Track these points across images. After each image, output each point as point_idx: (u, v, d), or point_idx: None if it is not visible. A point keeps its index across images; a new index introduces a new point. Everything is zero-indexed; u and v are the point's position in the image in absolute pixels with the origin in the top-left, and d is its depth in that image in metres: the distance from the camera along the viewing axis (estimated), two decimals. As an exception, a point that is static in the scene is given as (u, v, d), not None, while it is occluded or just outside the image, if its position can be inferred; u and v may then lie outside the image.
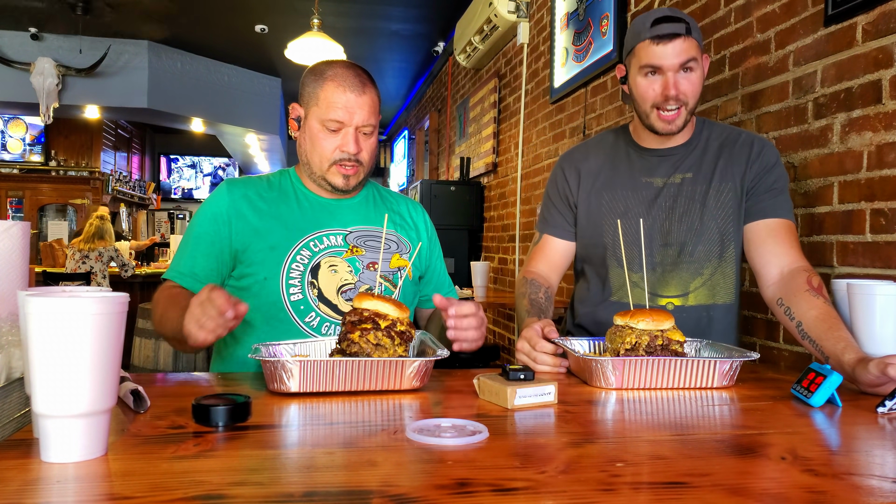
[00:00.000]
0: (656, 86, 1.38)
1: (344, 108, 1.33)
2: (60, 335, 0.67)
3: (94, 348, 0.68)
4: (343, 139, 1.35)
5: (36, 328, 0.67)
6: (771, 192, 1.44)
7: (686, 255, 1.46)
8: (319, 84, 1.35)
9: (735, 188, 1.46)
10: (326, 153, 1.36)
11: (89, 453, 0.69)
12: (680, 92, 1.37)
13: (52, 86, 6.62)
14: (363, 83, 1.35)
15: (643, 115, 1.44)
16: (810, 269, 1.35)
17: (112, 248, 5.50)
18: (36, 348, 0.67)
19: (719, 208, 1.46)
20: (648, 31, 1.35)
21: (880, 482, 0.67)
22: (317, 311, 1.35)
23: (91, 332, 0.68)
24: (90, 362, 0.68)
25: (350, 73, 1.35)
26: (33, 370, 0.68)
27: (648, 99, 1.40)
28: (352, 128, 1.34)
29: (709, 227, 1.46)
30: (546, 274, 1.58)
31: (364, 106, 1.34)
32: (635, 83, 1.42)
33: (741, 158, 1.47)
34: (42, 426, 0.69)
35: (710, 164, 1.48)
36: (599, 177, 1.55)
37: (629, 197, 1.51)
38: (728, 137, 1.50)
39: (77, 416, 0.68)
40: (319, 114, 1.34)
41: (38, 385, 0.68)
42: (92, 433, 0.69)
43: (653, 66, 1.37)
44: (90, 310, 0.67)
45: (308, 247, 1.38)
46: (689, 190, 1.47)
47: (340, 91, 1.33)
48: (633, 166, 1.53)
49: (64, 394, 0.67)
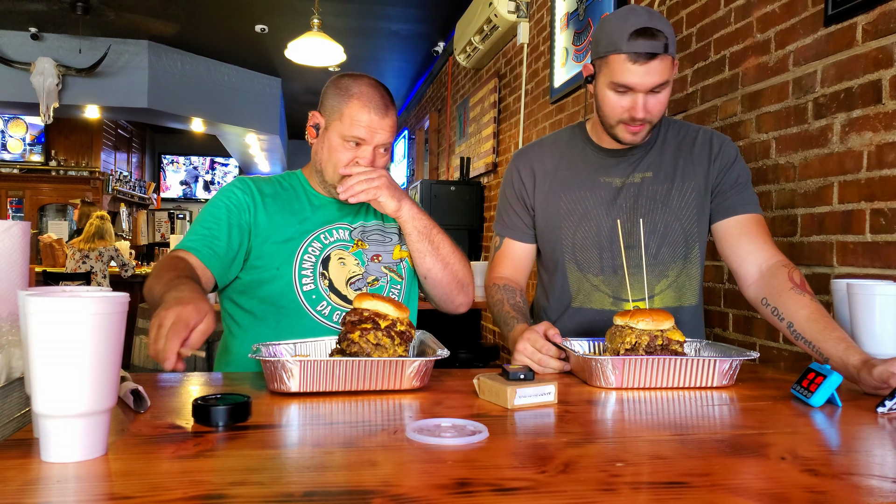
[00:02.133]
0: (625, 102, 1.32)
1: (367, 127, 1.35)
2: (60, 335, 0.67)
3: (94, 348, 0.68)
4: (360, 154, 1.37)
5: (36, 328, 0.67)
6: (736, 189, 1.42)
7: (649, 256, 1.43)
8: (344, 100, 1.37)
9: (698, 187, 1.43)
10: (342, 163, 1.38)
11: (89, 453, 0.69)
12: (648, 113, 1.33)
13: (52, 86, 6.63)
14: (386, 105, 1.38)
15: (607, 125, 1.39)
16: (789, 264, 1.33)
17: (112, 247, 5.51)
18: (36, 348, 0.67)
19: (683, 208, 1.44)
20: (626, 45, 1.27)
21: (880, 482, 0.67)
22: (328, 300, 1.39)
23: (91, 332, 0.68)
24: (90, 362, 0.68)
25: (376, 95, 1.37)
26: (33, 370, 0.68)
27: (616, 115, 1.35)
28: (371, 146, 1.37)
29: (673, 227, 1.44)
30: (514, 277, 1.53)
31: (386, 128, 1.37)
32: (603, 95, 1.35)
33: (702, 157, 1.44)
34: (42, 426, 0.69)
35: (669, 163, 1.45)
36: (556, 176, 1.50)
37: (587, 197, 1.46)
38: (685, 136, 1.48)
39: (77, 415, 0.68)
40: (342, 129, 1.37)
41: (38, 385, 0.68)
42: (92, 433, 0.69)
43: (625, 85, 1.30)
44: (90, 310, 0.67)
45: (319, 239, 1.42)
46: (650, 190, 1.44)
47: (365, 111, 1.35)
48: (590, 166, 1.48)
49: (64, 394, 0.67)
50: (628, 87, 1.30)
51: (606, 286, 1.45)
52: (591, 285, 1.46)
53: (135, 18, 6.30)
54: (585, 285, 1.47)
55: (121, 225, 9.70)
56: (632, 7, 1.35)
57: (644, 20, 1.28)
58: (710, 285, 2.20)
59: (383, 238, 1.49)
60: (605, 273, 1.45)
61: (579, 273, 1.47)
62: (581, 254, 1.46)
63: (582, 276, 1.47)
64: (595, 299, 1.46)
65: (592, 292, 1.46)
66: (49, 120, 6.81)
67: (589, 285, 1.46)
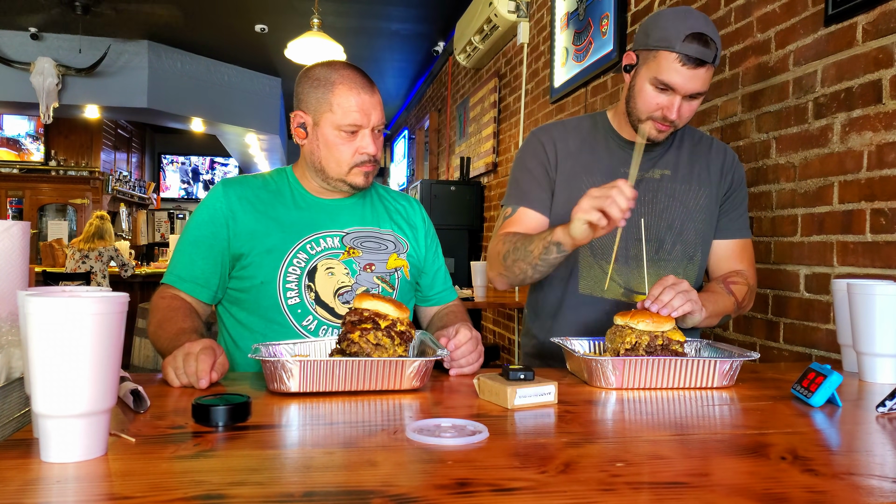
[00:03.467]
0: (661, 100, 1.34)
1: (360, 110, 1.32)
2: (60, 335, 0.67)
3: (94, 348, 0.68)
4: (362, 141, 1.34)
5: (36, 328, 0.67)
6: (738, 211, 1.49)
7: (664, 252, 1.44)
8: (329, 90, 1.33)
9: (710, 195, 1.46)
10: (346, 157, 1.35)
11: (89, 453, 0.69)
12: (680, 118, 1.35)
13: (52, 85, 6.62)
14: (371, 83, 1.35)
15: (635, 117, 1.40)
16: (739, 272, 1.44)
17: (112, 247, 5.50)
18: (35, 348, 0.67)
19: (698, 211, 1.45)
20: (680, 45, 1.28)
21: (880, 482, 0.67)
22: (314, 314, 1.35)
23: (91, 332, 0.68)
24: (90, 362, 0.68)
25: (358, 75, 1.35)
26: (33, 370, 0.68)
27: (649, 110, 1.36)
28: (368, 129, 1.34)
29: (688, 228, 1.45)
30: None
31: (377, 105, 1.35)
32: (642, 87, 1.36)
33: (716, 166, 1.47)
34: (42, 426, 0.69)
35: (685, 164, 1.47)
36: (579, 159, 1.48)
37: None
38: (699, 140, 1.51)
39: (77, 416, 0.68)
40: (335, 120, 1.32)
41: (38, 385, 0.68)
42: (92, 433, 0.69)
43: (669, 84, 1.31)
44: (90, 310, 0.68)
45: (305, 249, 1.37)
46: (668, 187, 1.45)
47: (354, 94, 1.32)
48: (612, 155, 1.48)
49: (64, 394, 0.67)
50: (670, 86, 1.31)
51: (619, 276, 1.44)
52: (603, 273, 1.45)
53: (135, 18, 6.30)
54: (597, 272, 1.45)
55: (121, 225, 9.70)
56: (689, 9, 1.36)
57: (702, 25, 1.29)
58: (710, 285, 2.20)
59: (378, 245, 1.43)
60: (619, 262, 1.44)
61: (592, 259, 1.46)
62: (597, 240, 1.40)
63: (594, 262, 1.45)
64: (604, 287, 1.45)
65: (603, 279, 1.45)
66: (49, 120, 6.81)
67: (601, 273, 1.44)
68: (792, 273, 1.84)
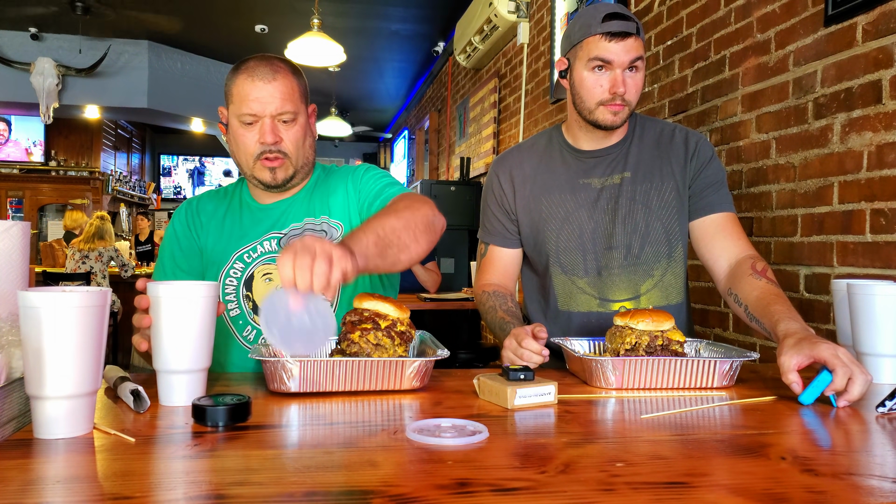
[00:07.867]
0: (604, 81, 1.35)
1: (256, 99, 1.27)
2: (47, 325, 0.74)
3: (78, 337, 0.75)
4: (260, 131, 1.29)
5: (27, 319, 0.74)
6: (713, 187, 1.44)
7: (632, 257, 1.44)
8: (232, 80, 1.31)
9: (676, 186, 1.44)
10: (249, 149, 1.31)
11: (75, 430, 0.77)
12: (627, 90, 1.35)
13: (52, 86, 6.63)
14: (274, 70, 1.29)
15: (587, 111, 1.39)
16: (755, 256, 1.36)
17: (112, 248, 5.50)
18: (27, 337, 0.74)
19: (663, 208, 1.44)
20: (600, 26, 1.32)
21: (880, 482, 0.67)
22: (253, 324, 1.33)
23: (74, 322, 0.75)
24: (74, 350, 0.75)
25: (261, 64, 1.30)
26: (25, 357, 0.75)
27: (596, 95, 1.36)
28: (267, 118, 1.28)
29: (654, 227, 1.44)
30: (503, 283, 1.53)
31: (276, 92, 1.28)
32: (581, 79, 1.37)
33: (678, 156, 1.45)
34: (33, 407, 0.76)
35: (647, 162, 1.46)
36: (536, 181, 1.50)
37: (568, 200, 1.46)
38: (662, 134, 1.48)
39: (64, 397, 0.76)
40: (235, 110, 1.30)
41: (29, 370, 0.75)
42: (77, 412, 0.77)
43: (603, 59, 1.33)
44: (73, 303, 0.75)
45: (241, 259, 1.35)
46: (629, 190, 1.44)
47: (250, 82, 1.28)
48: (569, 168, 1.49)
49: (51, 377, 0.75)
50: (605, 60, 1.34)
51: (592, 288, 1.45)
52: (576, 288, 1.46)
53: (135, 18, 6.30)
54: (570, 287, 1.47)
55: (121, 225, 9.70)
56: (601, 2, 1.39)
57: (613, 7, 1.35)
58: (709, 286, 2.20)
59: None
60: (590, 275, 1.45)
61: (564, 276, 1.47)
62: (565, 257, 1.46)
63: (567, 279, 1.47)
64: (581, 302, 1.46)
65: (578, 295, 1.46)
66: (49, 120, 6.81)
67: (574, 288, 1.46)
68: (792, 273, 1.84)
